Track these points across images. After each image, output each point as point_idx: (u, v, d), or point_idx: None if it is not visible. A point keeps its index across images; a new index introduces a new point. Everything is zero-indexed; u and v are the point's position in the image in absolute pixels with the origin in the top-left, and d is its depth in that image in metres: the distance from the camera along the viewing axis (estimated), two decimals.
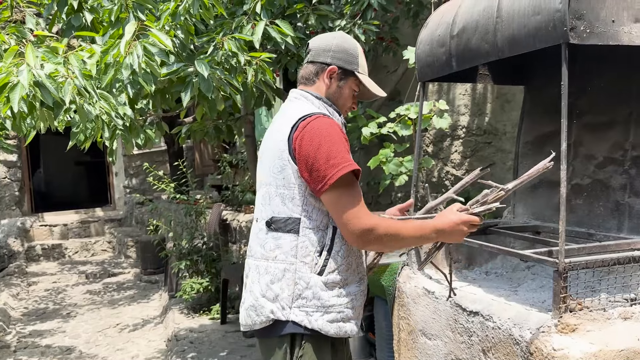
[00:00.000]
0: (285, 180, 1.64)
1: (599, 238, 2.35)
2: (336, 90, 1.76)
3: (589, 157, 2.52)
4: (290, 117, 1.67)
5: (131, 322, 5.34)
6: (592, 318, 1.89)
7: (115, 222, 9.97)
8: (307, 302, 1.63)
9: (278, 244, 1.65)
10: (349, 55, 1.75)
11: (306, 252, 1.64)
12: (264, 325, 1.68)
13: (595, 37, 1.87)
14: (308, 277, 1.63)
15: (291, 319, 1.63)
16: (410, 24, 4.17)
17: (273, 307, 1.65)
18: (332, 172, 1.55)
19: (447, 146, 4.62)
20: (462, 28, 2.31)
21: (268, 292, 1.65)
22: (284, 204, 1.64)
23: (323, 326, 1.63)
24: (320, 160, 1.56)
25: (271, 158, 1.68)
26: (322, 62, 1.74)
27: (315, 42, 1.79)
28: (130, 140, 2.50)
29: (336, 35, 1.81)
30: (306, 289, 1.63)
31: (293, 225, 1.63)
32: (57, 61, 1.96)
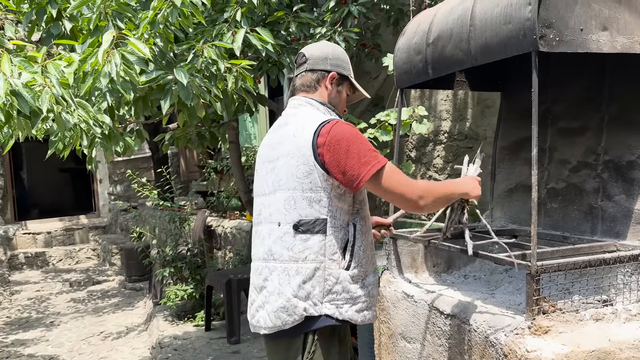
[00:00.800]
0: (312, 184, 1.73)
1: (573, 241, 2.39)
2: (336, 95, 1.91)
3: (564, 161, 2.57)
4: (307, 123, 1.77)
5: (115, 330, 5.31)
6: (564, 320, 1.92)
7: (100, 229, 9.90)
8: (337, 295, 1.76)
9: (307, 245, 1.74)
10: (343, 61, 1.93)
11: (333, 249, 1.76)
12: (296, 323, 1.75)
13: (564, 45, 1.92)
14: (337, 272, 1.76)
15: (323, 312, 1.75)
16: (391, 32, 4.22)
17: (306, 305, 1.74)
18: (366, 170, 1.70)
19: (429, 151, 4.67)
20: (437, 36, 2.35)
21: (300, 292, 1.74)
22: (311, 206, 1.74)
23: (352, 316, 1.78)
24: (352, 160, 1.70)
25: (294, 163, 1.75)
26: (323, 69, 1.88)
27: (311, 51, 1.91)
28: (110, 148, 2.51)
29: (327, 44, 1.97)
30: (336, 284, 1.76)
31: (321, 226, 1.74)
32: (33, 70, 1.96)
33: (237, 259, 5.24)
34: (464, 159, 2.38)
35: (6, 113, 1.88)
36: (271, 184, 1.82)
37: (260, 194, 1.89)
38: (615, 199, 2.32)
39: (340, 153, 1.70)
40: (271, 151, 1.85)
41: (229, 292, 4.28)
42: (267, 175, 1.85)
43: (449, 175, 4.46)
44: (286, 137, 1.81)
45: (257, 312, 1.83)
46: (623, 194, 2.29)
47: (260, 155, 1.93)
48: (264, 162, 1.88)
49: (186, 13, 2.40)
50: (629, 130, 2.29)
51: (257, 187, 1.92)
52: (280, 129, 1.86)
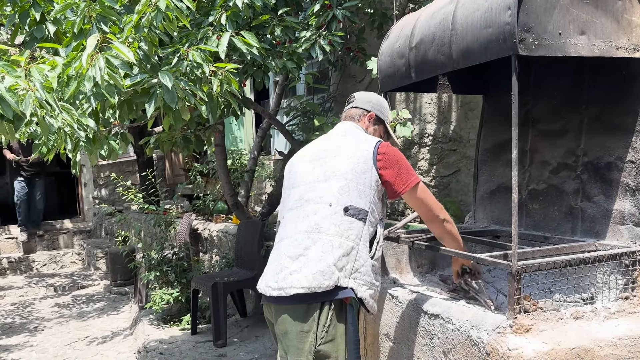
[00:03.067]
0: (366, 180, 2.08)
1: (554, 241, 2.44)
2: (372, 131, 2.30)
3: (544, 163, 2.62)
4: (368, 138, 2.18)
5: (100, 335, 5.26)
6: (545, 318, 1.96)
7: (85, 233, 9.80)
8: (361, 276, 2.04)
9: (352, 226, 2.04)
10: (384, 109, 2.34)
11: (367, 238, 2.07)
12: (328, 289, 1.98)
13: (543, 48, 1.96)
14: (365, 257, 2.06)
15: (350, 286, 2.02)
16: (375, 35, 4.25)
17: (340, 275, 2.00)
18: (413, 178, 2.11)
19: (414, 153, 4.71)
20: (419, 40, 2.39)
21: (339, 262, 2.01)
22: (360, 197, 2.06)
23: (366, 298, 2.05)
24: (403, 170, 2.11)
25: (355, 161, 2.10)
26: (365, 108, 2.30)
27: (360, 95, 2.36)
28: (94, 152, 2.50)
29: (376, 94, 2.39)
30: (363, 266, 2.04)
31: (363, 216, 2.06)
32: (17, 74, 1.95)
33: (224, 262, 5.23)
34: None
35: None
36: (322, 173, 2.13)
37: (302, 184, 2.18)
38: (595, 199, 2.37)
39: (395, 164, 2.10)
40: (323, 152, 2.20)
41: (215, 296, 4.27)
42: (315, 168, 2.16)
43: (433, 177, 4.51)
44: (349, 142, 2.18)
45: (291, 275, 2.02)
46: (602, 195, 2.34)
47: (305, 155, 2.27)
48: (312, 160, 2.20)
49: (171, 17, 2.41)
50: (607, 132, 2.34)
51: (298, 178, 2.21)
52: (339, 139, 2.23)
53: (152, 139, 4.01)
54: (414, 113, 4.63)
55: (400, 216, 4.84)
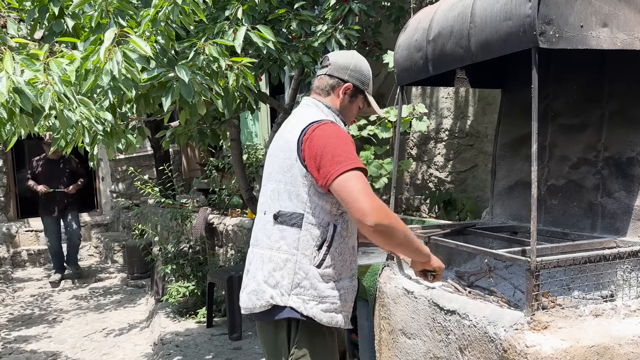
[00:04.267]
0: (292, 178, 1.80)
1: (573, 237, 2.40)
2: (347, 105, 1.96)
3: (564, 158, 2.58)
4: (301, 121, 1.84)
5: (117, 327, 5.33)
6: (563, 315, 1.93)
7: (102, 227, 9.92)
8: (305, 290, 1.78)
9: (282, 235, 1.80)
10: (364, 76, 1.97)
11: (307, 245, 1.79)
12: (264, 309, 1.83)
13: (564, 41, 1.93)
14: (307, 268, 1.78)
15: (289, 304, 1.78)
16: (392, 29, 4.22)
17: (273, 293, 1.80)
18: (336, 168, 1.69)
19: (430, 148, 4.68)
20: (437, 33, 2.36)
21: (270, 279, 1.81)
22: (290, 199, 1.80)
23: (317, 314, 1.78)
24: (326, 158, 1.71)
25: (282, 157, 1.84)
26: (340, 77, 1.93)
27: (334, 58, 1.96)
28: (111, 145, 2.52)
29: (354, 54, 1.99)
30: (305, 279, 1.78)
31: (297, 220, 1.79)
32: (36, 68, 1.97)
33: (239, 256, 5.26)
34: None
35: (9, 110, 1.89)
36: (267, 175, 1.93)
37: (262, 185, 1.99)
38: (616, 195, 2.33)
39: (317, 149, 1.73)
40: (273, 143, 1.95)
41: (230, 289, 4.29)
42: (266, 167, 1.96)
43: (449, 173, 4.47)
44: (283, 132, 1.90)
45: (242, 292, 1.95)
46: (623, 191, 2.30)
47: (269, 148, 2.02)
48: (268, 156, 1.98)
49: (187, 11, 2.41)
50: (629, 126, 2.29)
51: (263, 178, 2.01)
52: (284, 125, 1.94)
53: (168, 133, 4.03)
54: (430, 108, 4.59)
55: (416, 211, 4.82)
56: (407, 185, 4.97)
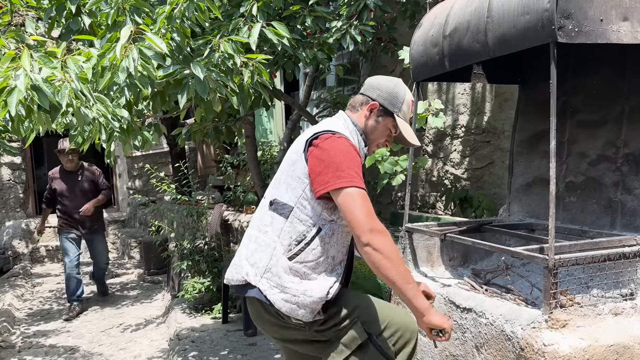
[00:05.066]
0: (294, 172, 1.85)
1: (592, 235, 2.37)
2: (373, 124, 1.95)
3: (583, 154, 2.54)
4: (321, 125, 1.91)
5: (134, 322, 5.38)
6: (582, 314, 1.91)
7: (119, 223, 10.02)
8: (272, 276, 1.83)
9: (272, 222, 1.87)
10: (394, 98, 1.93)
11: (287, 236, 1.83)
12: (239, 283, 1.91)
13: (583, 36, 1.89)
14: (279, 256, 1.83)
15: (258, 286, 1.84)
16: (408, 25, 4.19)
17: (249, 271, 1.87)
18: (337, 181, 1.72)
19: (446, 145, 4.64)
20: (454, 28, 2.33)
21: (250, 258, 1.89)
22: (287, 191, 1.85)
23: (276, 302, 1.82)
24: (330, 168, 1.74)
25: (292, 151, 1.92)
26: (368, 96, 1.95)
27: (371, 79, 2.01)
28: (128, 142, 2.54)
29: (392, 79, 1.99)
30: (275, 265, 1.83)
31: (286, 211, 1.84)
32: (53, 65, 1.99)
33: None
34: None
35: (27, 107, 1.91)
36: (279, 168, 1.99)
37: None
38: (636, 192, 2.29)
39: (324, 156, 1.76)
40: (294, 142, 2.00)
41: None
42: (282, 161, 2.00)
43: (465, 170, 4.43)
44: (305, 132, 1.94)
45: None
46: None
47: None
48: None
49: (202, 8, 2.41)
50: None
51: None
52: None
53: (184, 130, 4.05)
54: (446, 104, 4.55)
55: (431, 209, 4.79)
56: (423, 182, 4.94)
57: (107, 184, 6.05)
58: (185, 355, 3.98)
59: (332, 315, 1.86)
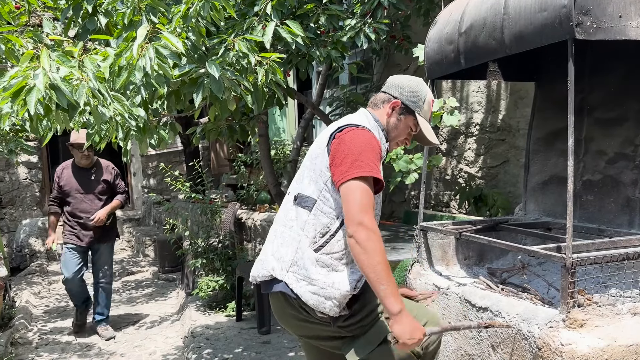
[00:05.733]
0: (316, 165, 1.87)
1: (610, 234, 2.34)
2: (394, 121, 1.97)
3: (600, 152, 2.52)
4: (344, 120, 1.93)
5: (149, 320, 5.42)
6: (600, 313, 1.89)
7: (134, 221, 10.10)
8: (299, 269, 1.84)
9: (296, 216, 1.88)
10: (416, 97, 1.96)
11: (312, 229, 1.84)
12: (265, 278, 1.92)
13: (602, 32, 1.87)
14: (305, 248, 1.84)
15: (285, 280, 1.85)
16: (422, 23, 4.17)
17: (275, 265, 1.89)
18: (353, 171, 1.73)
19: (460, 143, 4.61)
20: (469, 25, 2.32)
21: (276, 253, 1.90)
22: (309, 184, 1.88)
23: (303, 294, 1.82)
24: (349, 159, 1.76)
25: (314, 147, 1.93)
26: (391, 94, 1.98)
27: (393, 78, 2.03)
28: (144, 141, 2.56)
29: (414, 79, 2.01)
30: (301, 259, 1.84)
31: (309, 204, 1.86)
32: (71, 64, 2.01)
33: None
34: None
35: (45, 106, 1.93)
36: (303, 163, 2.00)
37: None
38: None
39: (345, 148, 1.78)
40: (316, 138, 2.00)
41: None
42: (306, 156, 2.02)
43: (480, 168, 4.40)
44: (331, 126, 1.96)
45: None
46: None
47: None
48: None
49: (218, 7, 2.42)
50: None
51: None
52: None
53: (198, 129, 4.07)
54: (460, 102, 4.53)
55: (445, 207, 4.77)
56: (436, 180, 4.92)
57: (124, 187, 5.04)
58: (200, 353, 4.01)
59: (356, 311, 1.86)
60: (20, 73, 1.92)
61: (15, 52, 2.61)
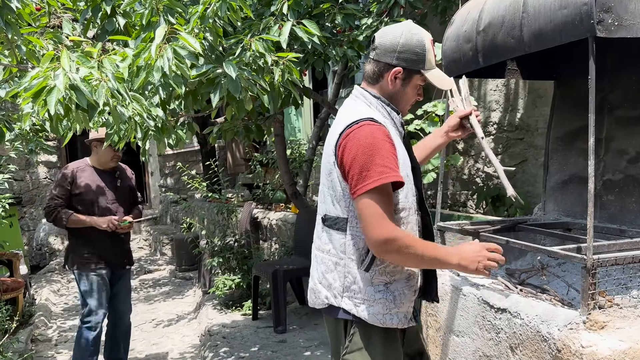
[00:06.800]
0: (332, 182, 1.74)
1: (631, 235, 2.30)
2: (400, 89, 1.77)
3: (621, 152, 2.48)
4: (342, 120, 1.73)
5: (166, 318, 5.47)
6: (622, 315, 1.86)
7: (152, 220, 10.19)
8: (355, 294, 1.73)
9: (330, 239, 1.77)
10: (415, 54, 1.72)
11: (354, 249, 1.73)
12: (322, 306, 1.83)
13: (624, 30, 1.84)
14: (355, 272, 1.73)
15: (342, 306, 1.75)
16: (439, 21, 4.14)
17: (327, 294, 1.79)
18: (362, 184, 1.62)
19: (477, 143, 4.57)
20: (488, 24, 2.30)
21: (323, 280, 1.80)
22: (333, 204, 1.75)
23: (369, 317, 1.72)
24: (355, 170, 1.63)
25: (325, 159, 1.78)
26: (387, 62, 1.74)
27: (381, 39, 1.75)
28: (162, 141, 2.58)
29: (403, 30, 1.74)
30: (354, 283, 1.73)
31: (341, 224, 1.74)
32: (91, 65, 2.04)
33: (283, 250, 5.30)
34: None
35: (65, 106, 1.96)
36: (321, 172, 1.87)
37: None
38: None
39: (349, 159, 1.65)
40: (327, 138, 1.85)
41: (275, 283, 4.34)
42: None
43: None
44: (333, 127, 1.81)
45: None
46: None
47: None
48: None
49: (234, 7, 2.43)
50: None
51: None
52: (335, 120, 1.82)
53: (215, 129, 4.09)
54: (478, 100, 4.49)
55: (462, 207, 4.73)
56: (453, 180, 4.88)
57: (140, 196, 4.14)
58: (217, 351, 4.03)
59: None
60: (41, 74, 1.94)
61: (35, 53, 2.65)
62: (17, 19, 2.35)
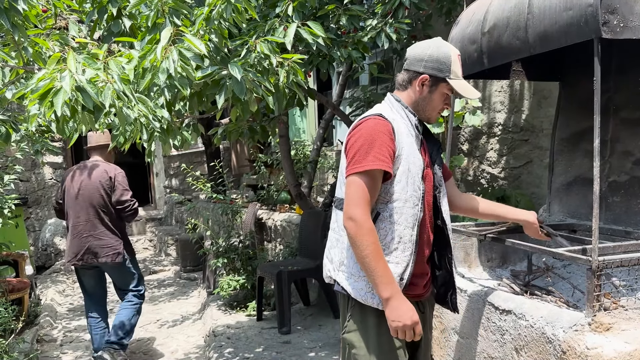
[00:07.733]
0: (342, 168, 1.94)
1: (637, 236, 2.30)
2: (427, 96, 1.93)
3: (626, 153, 2.47)
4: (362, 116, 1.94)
5: (171, 318, 5.48)
6: (627, 317, 1.86)
7: (156, 221, 10.22)
8: (346, 268, 1.91)
9: (336, 218, 1.96)
10: (441, 64, 1.89)
11: None
12: (328, 280, 2.01)
13: (629, 31, 1.84)
14: (348, 247, 1.88)
15: (337, 279, 1.94)
16: (444, 22, 4.14)
17: (330, 267, 1.99)
18: (350, 167, 1.82)
19: (482, 144, 4.57)
20: (493, 25, 2.30)
21: (329, 255, 2.00)
22: (340, 187, 1.94)
23: (352, 291, 1.88)
24: (352, 154, 1.83)
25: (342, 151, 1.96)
26: (415, 70, 1.92)
27: (411, 50, 1.96)
28: (168, 142, 2.59)
29: (431, 44, 1.94)
30: (346, 257, 1.91)
31: (343, 205, 1.87)
32: (97, 67, 2.05)
33: (287, 251, 5.31)
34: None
35: (72, 108, 1.96)
36: None
37: None
38: None
39: (350, 145, 1.85)
40: None
41: (279, 284, 4.34)
42: None
43: (502, 169, 4.35)
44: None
45: None
46: None
47: None
48: None
49: (240, 9, 2.44)
50: None
51: None
52: None
53: (219, 130, 4.10)
54: (482, 102, 4.48)
55: None
56: (458, 181, 4.88)
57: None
58: (221, 352, 4.04)
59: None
60: (47, 75, 1.95)
61: (42, 55, 2.66)
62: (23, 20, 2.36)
